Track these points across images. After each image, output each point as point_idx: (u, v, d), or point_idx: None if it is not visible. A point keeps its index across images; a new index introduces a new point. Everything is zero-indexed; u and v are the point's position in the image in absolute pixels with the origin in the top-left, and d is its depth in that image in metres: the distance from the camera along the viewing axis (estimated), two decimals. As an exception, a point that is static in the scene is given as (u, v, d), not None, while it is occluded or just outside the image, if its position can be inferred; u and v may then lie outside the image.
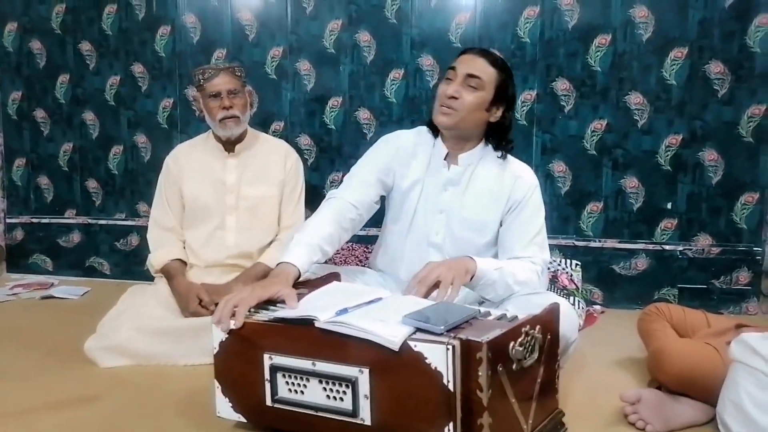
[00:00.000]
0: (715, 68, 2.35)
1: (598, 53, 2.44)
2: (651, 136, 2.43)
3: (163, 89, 2.82)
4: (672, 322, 1.70)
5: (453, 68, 1.57)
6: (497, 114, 1.60)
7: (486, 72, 1.55)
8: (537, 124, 2.53)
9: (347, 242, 2.55)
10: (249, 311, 1.23)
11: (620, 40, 2.41)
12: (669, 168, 2.43)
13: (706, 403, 1.36)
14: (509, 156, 1.68)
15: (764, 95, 2.31)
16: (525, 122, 2.53)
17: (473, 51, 1.62)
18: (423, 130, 1.70)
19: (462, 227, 1.63)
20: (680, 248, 2.44)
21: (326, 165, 2.71)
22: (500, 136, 1.64)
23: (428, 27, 2.57)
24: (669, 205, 2.45)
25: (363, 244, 2.49)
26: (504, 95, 1.59)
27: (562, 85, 2.48)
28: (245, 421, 1.26)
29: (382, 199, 1.73)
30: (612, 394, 1.45)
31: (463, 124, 1.57)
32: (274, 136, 2.56)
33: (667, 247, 2.46)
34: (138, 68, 2.83)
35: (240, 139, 2.10)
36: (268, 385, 1.19)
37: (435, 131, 1.66)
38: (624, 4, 2.38)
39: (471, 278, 1.44)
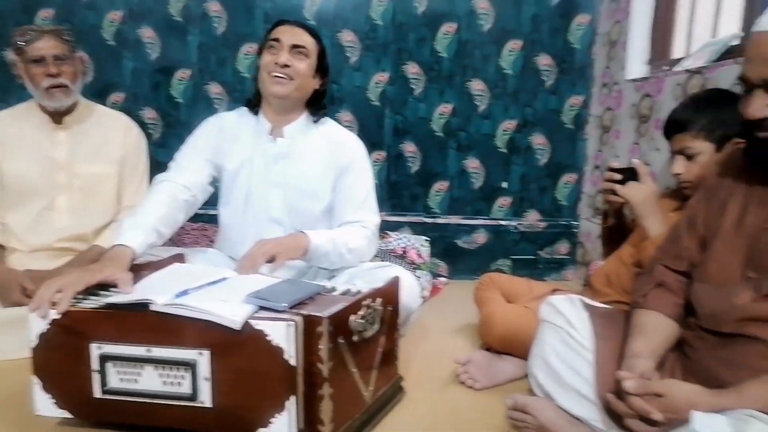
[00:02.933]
0: (544, 61, 2.60)
1: (445, 40, 2.57)
2: (490, 121, 2.64)
3: (-25, 50, 2.46)
4: (501, 289, 1.88)
5: (276, 39, 1.59)
6: (319, 82, 1.67)
7: (309, 42, 1.62)
8: (389, 105, 2.62)
9: (198, 223, 2.47)
10: (75, 297, 1.15)
11: (464, 29, 2.57)
12: (505, 150, 2.66)
13: (526, 360, 1.54)
14: (334, 124, 1.77)
15: (582, 87, 2.62)
16: (378, 103, 2.61)
17: (290, 23, 1.66)
18: (244, 110, 1.72)
19: (298, 197, 1.66)
20: (513, 223, 2.70)
21: (174, 141, 2.54)
22: (318, 103, 1.70)
23: (283, 2, 2.52)
24: (504, 184, 2.69)
25: (214, 224, 2.41)
26: (323, 63, 1.67)
27: (412, 69, 2.59)
28: (71, 416, 1.18)
29: (215, 182, 1.71)
30: (449, 358, 1.59)
31: (297, 93, 1.61)
32: (114, 108, 2.36)
33: (502, 223, 2.70)
34: (-59, 23, 2.43)
35: (70, 110, 1.91)
36: (96, 376, 1.12)
37: (254, 109, 1.68)
38: (468, -5, 2.54)
39: (305, 253, 1.49)
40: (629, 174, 1.46)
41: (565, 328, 1.22)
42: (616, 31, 2.38)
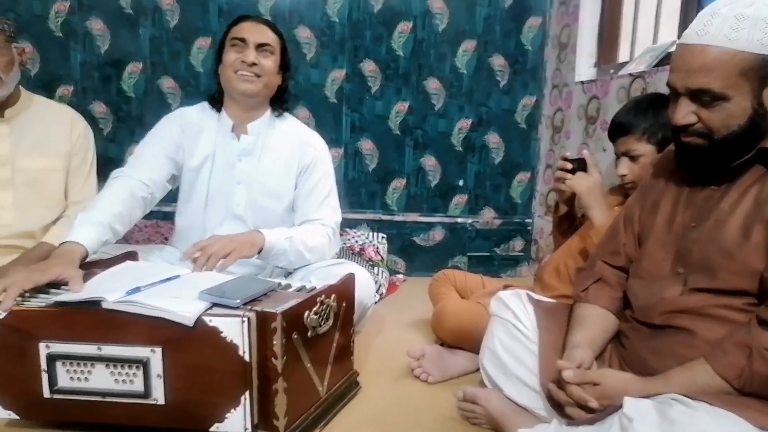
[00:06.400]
0: (497, 61, 2.66)
1: (401, 39, 2.61)
2: (446, 120, 2.69)
3: None
4: (456, 285, 1.94)
5: (242, 39, 1.58)
6: (282, 77, 1.68)
7: (273, 39, 1.63)
8: (346, 102, 2.63)
9: (152, 220, 2.43)
10: (23, 296, 1.12)
11: (420, 28, 2.60)
12: (461, 149, 2.72)
13: (477, 353, 1.59)
14: (295, 120, 1.77)
15: (534, 88, 2.70)
16: (335, 100, 2.62)
17: (252, 19, 1.64)
18: (206, 105, 1.70)
19: (262, 195, 1.66)
20: (469, 221, 2.76)
21: (125, 136, 2.52)
22: (281, 99, 1.71)
23: (237, -3, 2.50)
24: (460, 182, 2.75)
25: (168, 221, 2.38)
26: (285, 59, 1.68)
27: (369, 67, 2.61)
28: (18, 417, 1.16)
29: (174, 180, 1.68)
30: (404, 353, 1.62)
31: (265, 90, 1.62)
32: (62, 101, 2.30)
33: (458, 220, 2.76)
34: None
35: (9, 102, 1.84)
36: (45, 376, 1.10)
37: (217, 105, 1.67)
38: (423, -6, 2.58)
39: (260, 251, 1.49)
40: (579, 164, 1.53)
41: (512, 322, 1.26)
42: (566, 34, 2.47)
